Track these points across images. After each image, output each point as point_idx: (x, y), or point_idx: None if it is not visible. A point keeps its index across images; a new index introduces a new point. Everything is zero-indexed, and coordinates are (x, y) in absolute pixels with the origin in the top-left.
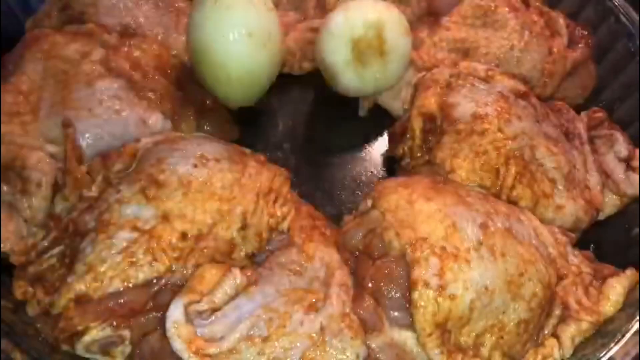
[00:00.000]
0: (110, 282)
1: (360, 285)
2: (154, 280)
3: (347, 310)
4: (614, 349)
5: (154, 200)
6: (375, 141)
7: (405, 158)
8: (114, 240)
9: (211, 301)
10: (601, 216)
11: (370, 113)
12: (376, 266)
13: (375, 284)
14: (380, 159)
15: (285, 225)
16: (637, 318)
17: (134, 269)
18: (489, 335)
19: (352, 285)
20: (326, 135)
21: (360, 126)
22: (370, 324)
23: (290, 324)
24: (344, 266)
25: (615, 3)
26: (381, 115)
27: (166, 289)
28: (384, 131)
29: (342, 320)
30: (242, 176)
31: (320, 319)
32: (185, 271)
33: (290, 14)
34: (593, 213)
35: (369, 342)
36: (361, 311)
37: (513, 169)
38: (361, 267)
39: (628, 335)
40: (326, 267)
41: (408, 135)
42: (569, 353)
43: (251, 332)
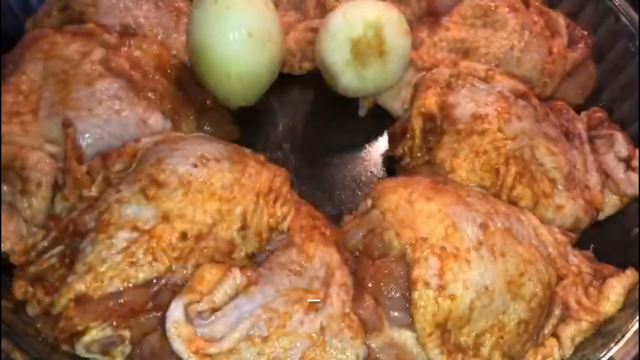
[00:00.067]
0: (110, 282)
1: (360, 285)
2: (154, 280)
3: (347, 310)
4: (614, 349)
5: (154, 200)
6: (375, 141)
7: (405, 158)
8: (114, 240)
9: (211, 301)
10: (601, 216)
11: (370, 113)
12: (376, 266)
13: (375, 284)
14: (380, 159)
15: (285, 225)
16: (637, 318)
17: (134, 269)
18: (489, 335)
19: (352, 285)
20: (326, 135)
21: (360, 126)
22: (370, 324)
23: (290, 324)
24: (344, 266)
25: (615, 3)
26: (381, 115)
27: (166, 289)
28: (384, 131)
29: (342, 320)
30: (242, 176)
31: (320, 319)
32: (185, 271)
33: (290, 14)
34: (593, 213)
35: (369, 342)
36: (361, 311)
37: (513, 169)
38: (361, 267)
39: (628, 335)
40: (326, 267)
41: (408, 135)
42: (569, 353)
43: (251, 332)
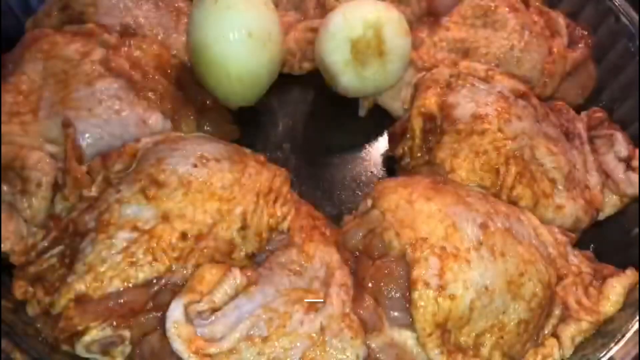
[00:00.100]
0: (110, 282)
1: (360, 285)
2: (154, 280)
3: (347, 310)
4: (614, 349)
5: (154, 200)
6: (375, 141)
7: (405, 158)
8: (114, 240)
9: (211, 301)
10: (601, 216)
11: (370, 113)
12: (376, 266)
13: (375, 284)
14: (380, 159)
15: (285, 225)
16: (637, 318)
17: (134, 269)
18: (489, 335)
19: (352, 285)
20: (326, 135)
21: (360, 126)
22: (370, 324)
23: (290, 324)
24: (344, 266)
25: (615, 3)
26: (381, 115)
27: (166, 289)
28: (384, 131)
29: (342, 320)
30: (242, 176)
31: (320, 319)
32: (185, 271)
33: (290, 14)
34: (593, 213)
35: (369, 342)
36: (361, 311)
37: (513, 169)
38: (361, 267)
39: (628, 335)
40: (326, 267)
41: (408, 135)
42: (569, 353)
43: (251, 332)
